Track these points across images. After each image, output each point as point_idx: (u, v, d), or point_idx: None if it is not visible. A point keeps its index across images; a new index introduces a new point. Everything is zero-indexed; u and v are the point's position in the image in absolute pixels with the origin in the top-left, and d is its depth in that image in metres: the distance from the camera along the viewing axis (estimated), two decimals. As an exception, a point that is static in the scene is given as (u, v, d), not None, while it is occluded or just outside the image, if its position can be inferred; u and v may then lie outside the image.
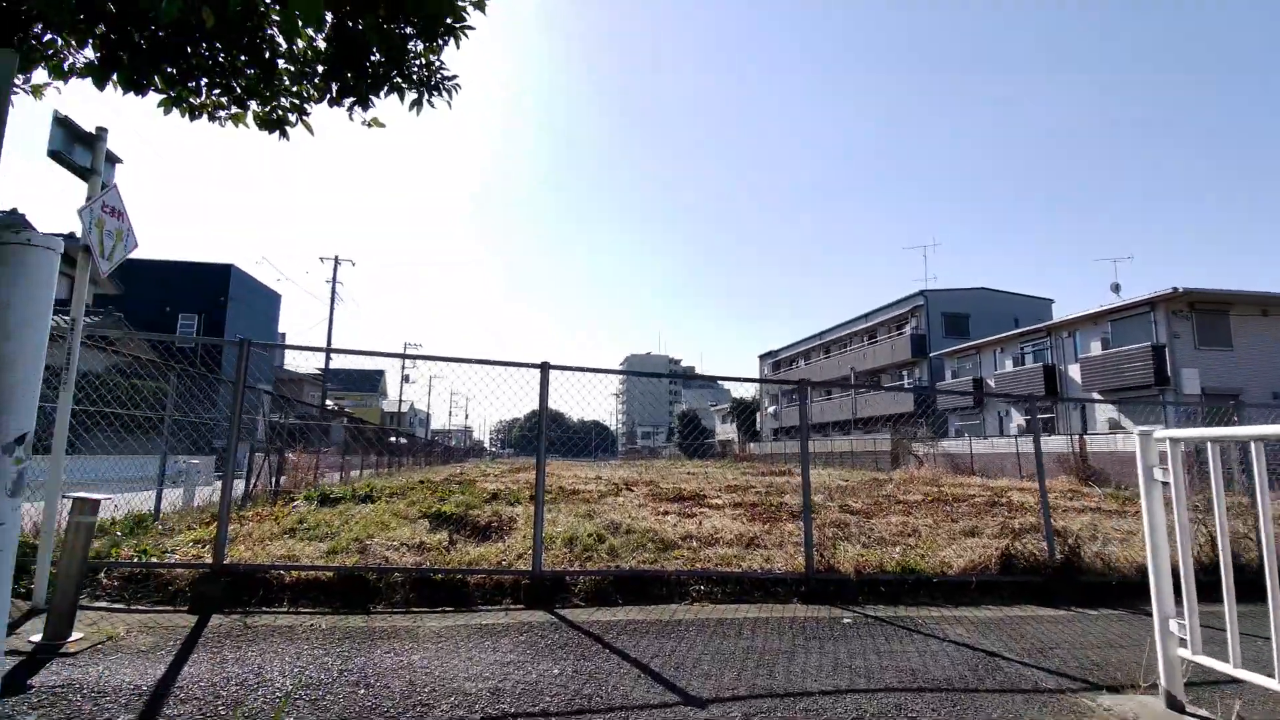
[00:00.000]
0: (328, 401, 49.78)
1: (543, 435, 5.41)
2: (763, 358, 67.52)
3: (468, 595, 5.02)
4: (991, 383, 33.64)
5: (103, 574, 4.70)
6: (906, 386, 40.99)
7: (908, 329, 43.02)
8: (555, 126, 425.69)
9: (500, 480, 18.22)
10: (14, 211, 21.76)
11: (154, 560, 4.82)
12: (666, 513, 8.29)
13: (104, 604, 4.50)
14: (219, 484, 9.45)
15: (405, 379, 62.43)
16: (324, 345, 38.54)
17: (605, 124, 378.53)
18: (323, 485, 11.19)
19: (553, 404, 5.58)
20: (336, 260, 40.52)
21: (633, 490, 14.03)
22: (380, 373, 71.66)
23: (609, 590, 5.21)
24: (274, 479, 9.83)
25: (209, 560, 4.82)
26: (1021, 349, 32.67)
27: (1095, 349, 27.74)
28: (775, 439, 58.40)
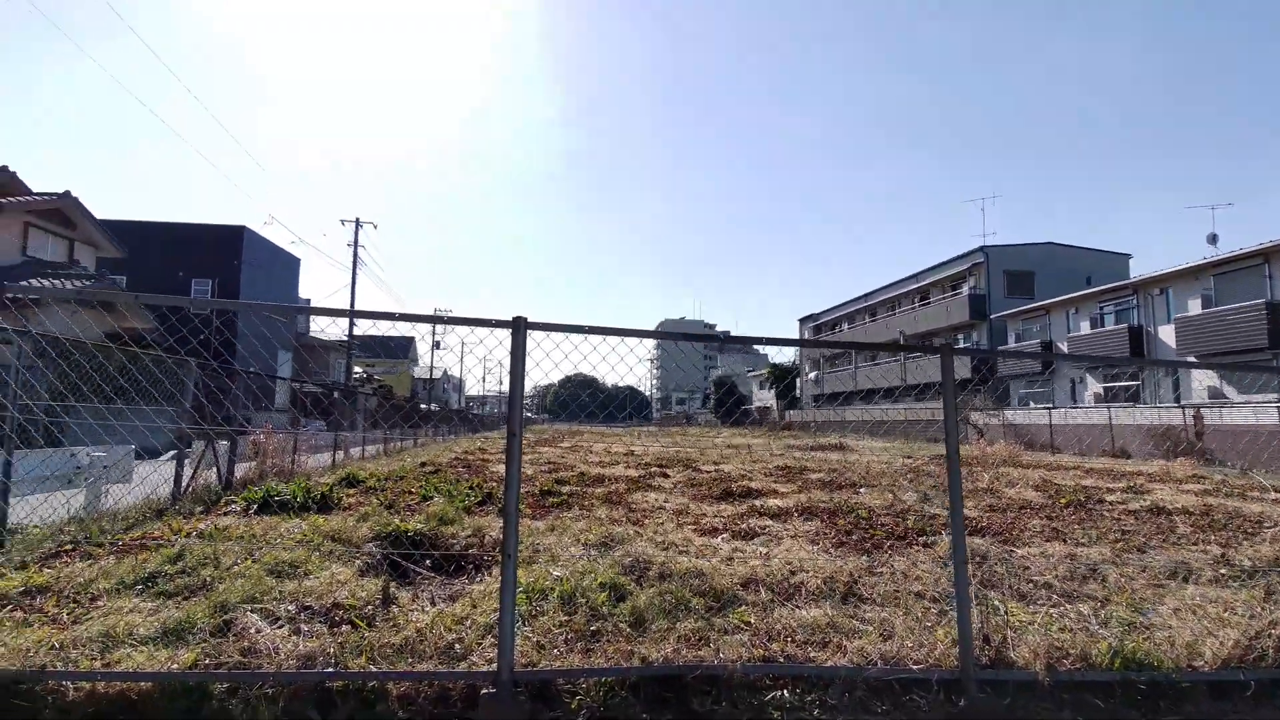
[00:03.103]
0: (356, 369, 48.74)
1: (518, 436, 3.20)
2: (803, 321, 64.41)
3: (386, 719, 2.91)
4: (1064, 346, 30.38)
5: None
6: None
7: (965, 289, 39.59)
8: (590, 85, 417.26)
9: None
10: None
11: None
12: (714, 529, 6.04)
13: None
14: (168, 473, 7.59)
15: (436, 345, 61.26)
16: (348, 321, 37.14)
17: (642, 82, 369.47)
18: (298, 477, 9.28)
19: (585, 369, 3.95)
20: (358, 222, 38.84)
21: (668, 475, 11.91)
22: (410, 339, 70.71)
23: (628, 704, 3.05)
24: (222, 471, 7.90)
25: (-70, 664, 2.78)
26: (1100, 309, 29.27)
27: (1193, 308, 24.36)
28: (816, 405, 55.69)
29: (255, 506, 6.49)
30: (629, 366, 4.04)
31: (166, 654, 3.07)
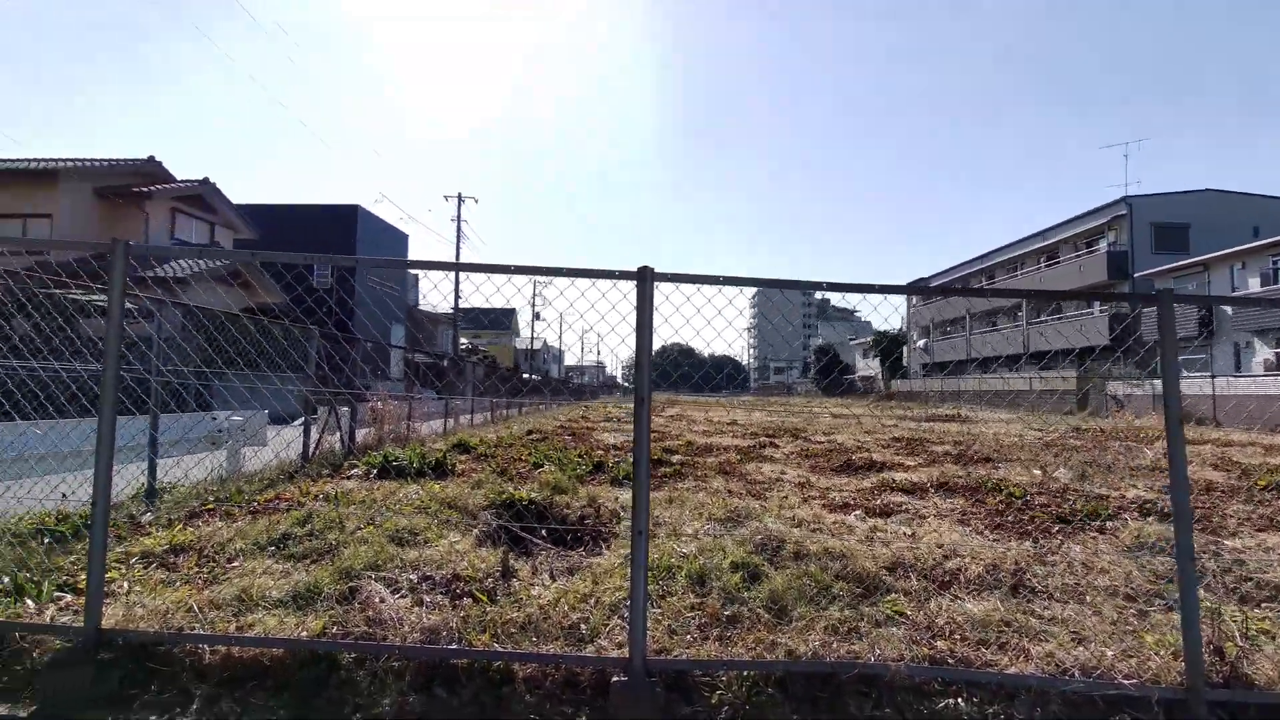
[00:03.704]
0: (461, 341, 50.82)
1: (647, 402, 2.86)
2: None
3: (513, 701, 2.71)
4: (1227, 309, 26.84)
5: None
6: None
7: (1102, 245, 35.76)
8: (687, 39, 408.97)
9: (623, 428, 16.20)
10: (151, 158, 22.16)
11: (-2, 618, 2.89)
12: (844, 504, 5.53)
13: (-89, 694, 2.63)
14: (300, 436, 7.99)
15: (536, 316, 62.86)
16: (451, 287, 38.51)
17: (749, 45, 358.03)
18: (413, 443, 9.53)
19: (680, 337, 3.48)
20: (460, 197, 40.02)
21: (778, 445, 11.39)
22: (512, 311, 72.86)
23: (775, 703, 2.70)
24: (344, 436, 8.20)
25: (80, 622, 2.83)
26: (1275, 263, 25.52)
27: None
28: (925, 375, 52.72)
29: (375, 471, 6.62)
30: (738, 331, 3.62)
31: (296, 620, 3.00)
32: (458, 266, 3.66)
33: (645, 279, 2.95)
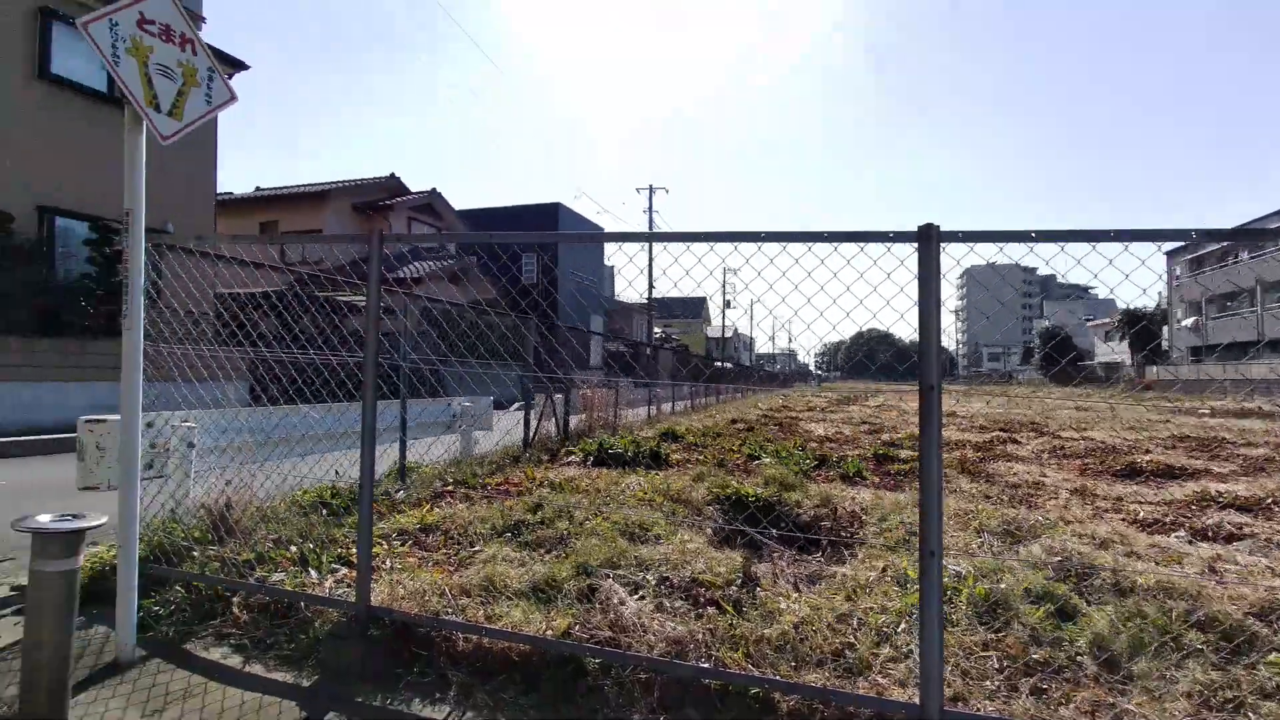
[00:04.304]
0: (654, 329, 52.13)
1: (937, 390, 2.31)
2: (1172, 255, 50.93)
3: (775, 739, 2.33)
4: None
5: (236, 600, 3.14)
6: None
7: None
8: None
9: (829, 418, 15.25)
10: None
11: (287, 588, 3.12)
12: (1156, 521, 4.39)
13: (222, 651, 2.91)
14: (520, 420, 8.44)
15: (727, 304, 62.62)
16: (647, 281, 39.45)
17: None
18: (622, 431, 9.65)
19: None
20: (651, 189, 40.89)
21: (1018, 441, 9.90)
22: (702, 299, 73.39)
23: (1134, 793, 2.02)
24: (559, 423, 8.47)
25: (353, 597, 2.95)
26: None
27: None
28: (1196, 359, 43.90)
29: (591, 459, 6.67)
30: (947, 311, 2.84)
31: (540, 615, 2.89)
32: (651, 237, 3.40)
33: (930, 238, 2.37)
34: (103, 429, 3.38)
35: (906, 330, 2.74)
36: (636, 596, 3.05)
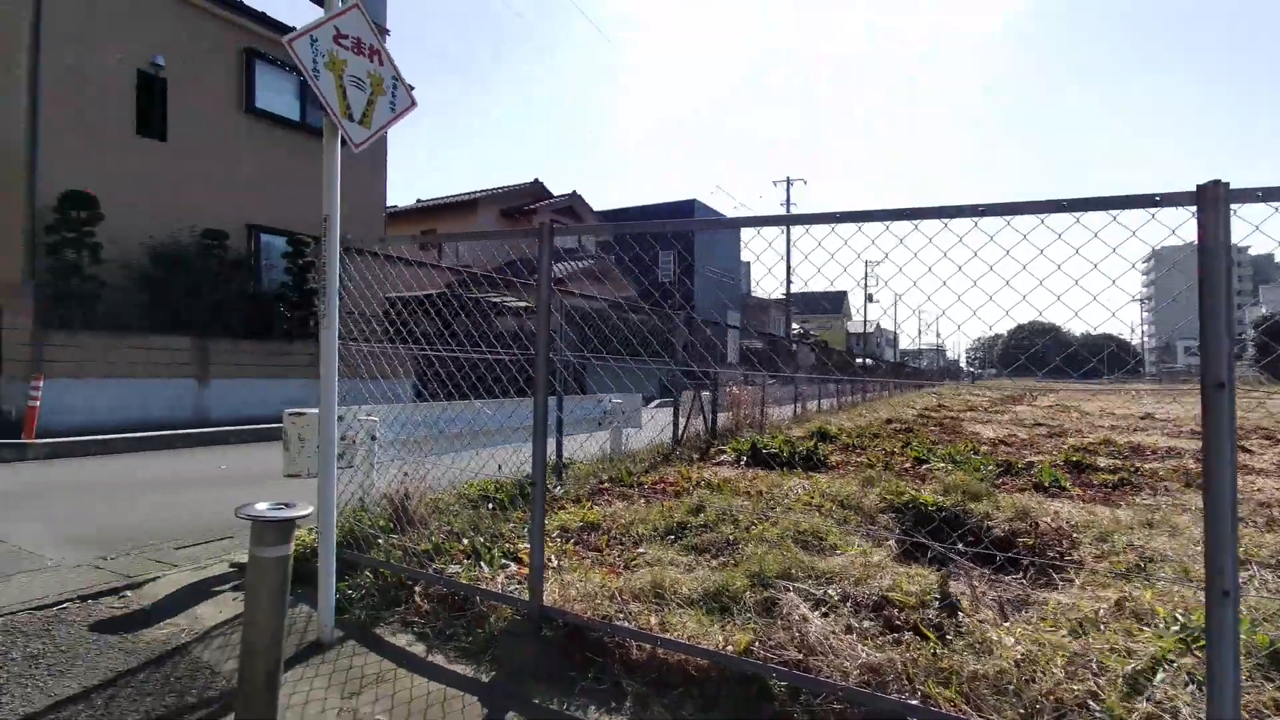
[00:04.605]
0: (793, 325, 50.62)
1: (1229, 387, 1.84)
2: None
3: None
4: None
5: (418, 589, 3.24)
6: None
7: None
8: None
9: (995, 419, 13.87)
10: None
11: (463, 581, 3.16)
12: None
13: (407, 638, 3.01)
14: (668, 417, 8.37)
15: (869, 298, 59.43)
16: (784, 278, 38.35)
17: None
18: (770, 429, 9.30)
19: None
20: (789, 181, 39.65)
21: (1251, 451, 8.41)
22: (843, 293, 70.26)
23: None
24: (706, 421, 8.29)
25: (525, 594, 2.93)
26: None
27: None
28: None
29: (745, 458, 6.42)
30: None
31: (717, 626, 2.71)
32: (788, 220, 3.08)
33: (1215, 200, 1.89)
34: (303, 421, 3.65)
35: (1083, 319, 2.21)
36: (820, 613, 2.78)
